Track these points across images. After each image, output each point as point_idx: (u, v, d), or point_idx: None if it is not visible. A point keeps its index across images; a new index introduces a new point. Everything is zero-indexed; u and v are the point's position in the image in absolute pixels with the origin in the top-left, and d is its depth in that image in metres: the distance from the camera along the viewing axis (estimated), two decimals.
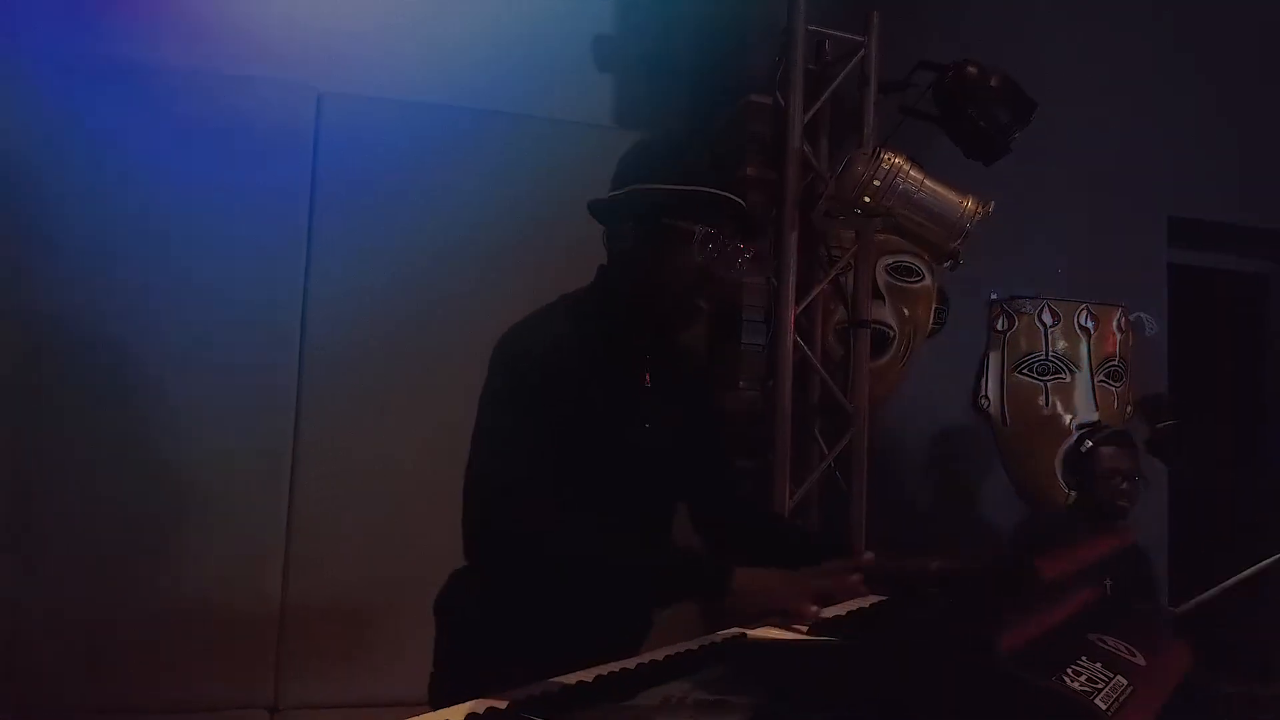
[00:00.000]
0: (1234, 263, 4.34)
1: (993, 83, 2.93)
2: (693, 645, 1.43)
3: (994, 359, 3.61)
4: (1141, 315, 3.67)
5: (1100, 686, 1.13)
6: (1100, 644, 1.30)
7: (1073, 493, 3.22)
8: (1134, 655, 1.30)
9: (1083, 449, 3.04)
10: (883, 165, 2.79)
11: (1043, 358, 3.55)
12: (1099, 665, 1.21)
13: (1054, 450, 3.53)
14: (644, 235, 1.62)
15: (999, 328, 3.60)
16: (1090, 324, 3.56)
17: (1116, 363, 3.58)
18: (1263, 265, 4.37)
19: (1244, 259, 4.33)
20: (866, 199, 2.81)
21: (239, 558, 2.81)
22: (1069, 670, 1.15)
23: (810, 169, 3.05)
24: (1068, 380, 3.54)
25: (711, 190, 1.61)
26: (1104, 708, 1.08)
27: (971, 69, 2.94)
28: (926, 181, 2.82)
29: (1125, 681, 1.19)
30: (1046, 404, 3.54)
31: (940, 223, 2.82)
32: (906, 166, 2.81)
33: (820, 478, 3.07)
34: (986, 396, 3.60)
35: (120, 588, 2.70)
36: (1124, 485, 2.95)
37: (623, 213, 1.64)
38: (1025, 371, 3.56)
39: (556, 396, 1.52)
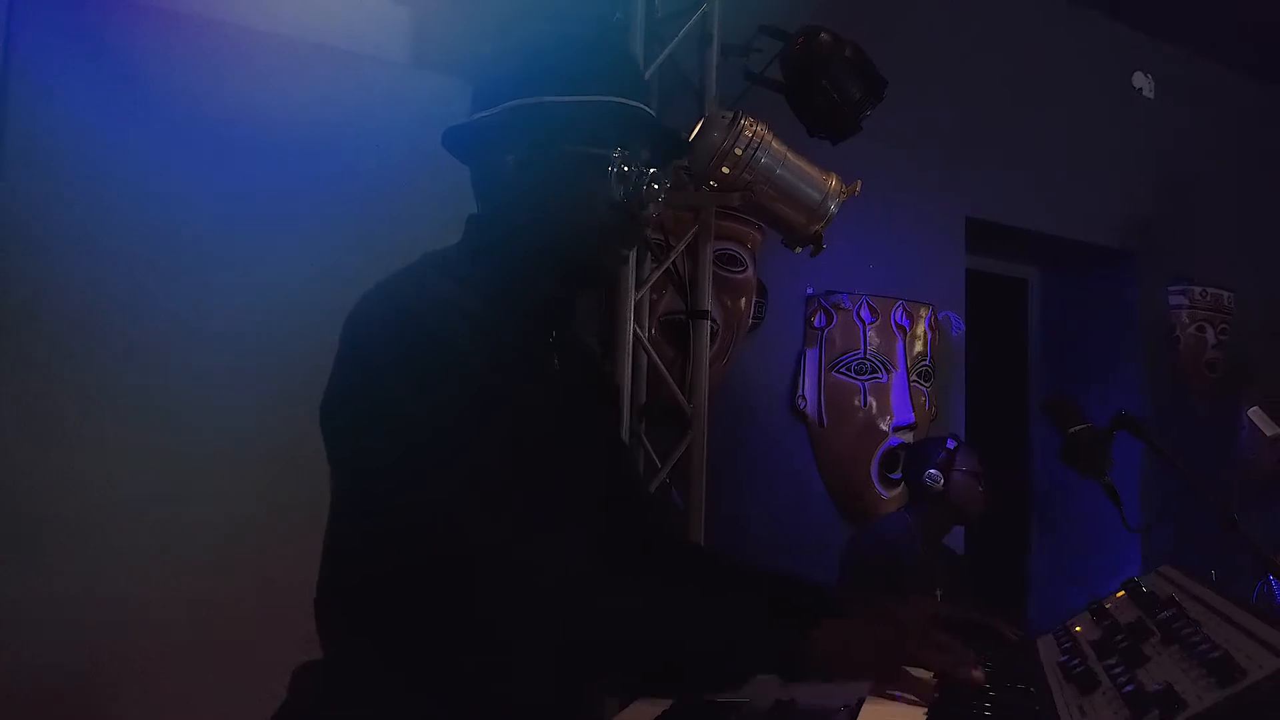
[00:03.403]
0: (998, 266, 4.44)
1: (847, 53, 2.68)
2: None
3: (811, 357, 3.39)
4: (949, 314, 3.60)
5: None
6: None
7: (894, 493, 3.07)
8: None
9: (940, 455, 2.85)
10: (744, 133, 2.45)
11: (860, 356, 3.37)
12: None
13: (871, 453, 3.37)
14: (536, 169, 1.15)
15: (816, 324, 3.39)
16: (905, 322, 3.44)
17: (927, 363, 3.49)
18: (1023, 269, 4.52)
19: (1007, 263, 4.45)
20: (725, 170, 2.46)
21: None
22: None
23: None
24: (884, 380, 3.39)
25: (624, 101, 1.14)
26: None
27: (825, 35, 2.67)
28: (789, 155, 2.51)
29: None
30: (863, 404, 3.37)
31: (802, 202, 2.52)
32: (769, 137, 2.48)
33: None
34: (804, 397, 3.37)
35: None
36: (981, 489, 2.82)
37: (500, 141, 1.15)
38: (843, 371, 3.37)
39: (471, 371, 1.03)
